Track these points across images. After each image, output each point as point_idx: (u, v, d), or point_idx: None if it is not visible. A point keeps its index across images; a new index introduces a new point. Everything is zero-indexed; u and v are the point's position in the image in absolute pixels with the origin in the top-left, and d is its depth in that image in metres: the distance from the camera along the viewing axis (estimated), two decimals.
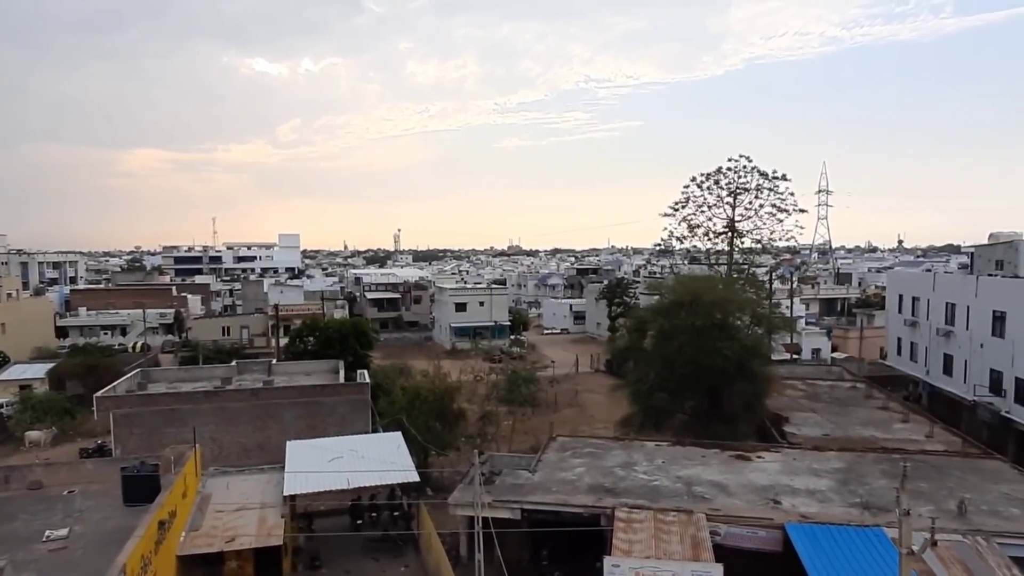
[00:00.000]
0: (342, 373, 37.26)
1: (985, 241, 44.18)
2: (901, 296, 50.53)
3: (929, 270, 62.29)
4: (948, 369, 42.27)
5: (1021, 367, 34.72)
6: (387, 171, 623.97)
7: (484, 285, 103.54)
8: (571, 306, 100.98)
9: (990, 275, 40.00)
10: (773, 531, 20.37)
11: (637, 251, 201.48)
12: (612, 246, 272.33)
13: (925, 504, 21.46)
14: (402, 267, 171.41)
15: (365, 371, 37.81)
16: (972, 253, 47.09)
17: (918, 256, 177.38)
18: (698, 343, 30.61)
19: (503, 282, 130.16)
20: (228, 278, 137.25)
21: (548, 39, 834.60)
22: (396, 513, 26.28)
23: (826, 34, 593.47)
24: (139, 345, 74.82)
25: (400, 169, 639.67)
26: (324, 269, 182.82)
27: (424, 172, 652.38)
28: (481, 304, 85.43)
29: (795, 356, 57.02)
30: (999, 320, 36.84)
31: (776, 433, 32.18)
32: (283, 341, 55.01)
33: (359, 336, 48.06)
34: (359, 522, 25.67)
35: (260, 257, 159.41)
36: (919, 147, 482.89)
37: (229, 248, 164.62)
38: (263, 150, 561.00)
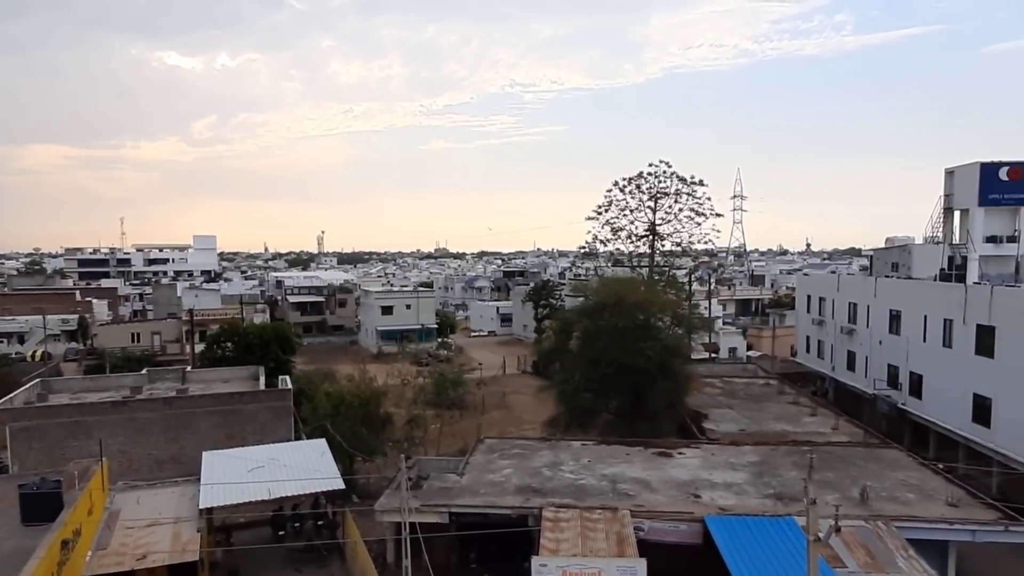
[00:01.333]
0: (262, 379, 36.03)
1: (882, 245, 47.26)
2: (809, 297, 53.40)
3: (834, 272, 66.22)
4: (851, 365, 44.95)
5: (915, 362, 37.32)
6: (310, 171, 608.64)
7: (411, 288, 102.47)
8: (498, 308, 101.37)
9: (887, 276, 42.85)
10: (694, 524, 21.10)
11: (563, 254, 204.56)
12: (538, 249, 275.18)
13: (831, 492, 22.72)
14: (326, 270, 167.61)
15: (287, 377, 36.68)
16: (871, 256, 50.33)
17: (824, 259, 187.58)
18: (621, 343, 31.35)
19: (430, 285, 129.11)
20: (138, 281, 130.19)
21: (474, 42, 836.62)
22: (320, 522, 25.62)
23: (739, 47, 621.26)
24: (39, 354, 69.91)
25: (323, 169, 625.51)
26: (243, 272, 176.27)
27: (349, 173, 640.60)
28: (408, 307, 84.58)
29: (713, 355, 59.23)
30: (895, 318, 39.49)
31: (696, 430, 33.34)
32: (199, 347, 52.70)
33: (281, 341, 46.60)
34: (281, 533, 24.86)
35: (173, 259, 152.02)
36: (824, 155, 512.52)
37: (139, 250, 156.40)
38: (176, 147, 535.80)
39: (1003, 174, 36.68)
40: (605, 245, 50.87)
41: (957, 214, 39.53)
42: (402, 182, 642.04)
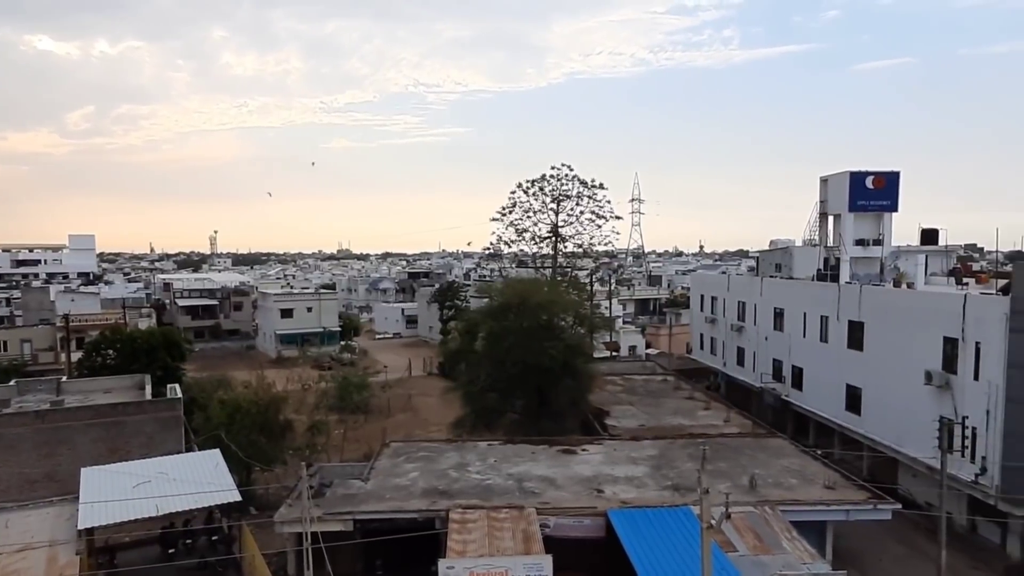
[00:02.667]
0: (149, 388, 33.88)
1: (767, 247, 50.35)
2: (702, 296, 56.13)
3: (724, 273, 69.98)
4: (741, 360, 47.64)
5: (796, 356, 40.05)
6: (201, 167, 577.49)
7: (312, 290, 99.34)
8: (403, 310, 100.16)
9: (771, 277, 45.70)
10: (597, 518, 21.71)
11: (468, 255, 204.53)
12: (443, 250, 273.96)
13: (724, 481, 24.00)
14: (220, 271, 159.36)
15: (177, 385, 34.67)
16: (757, 257, 53.46)
17: (716, 260, 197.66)
18: (526, 343, 31.77)
19: (333, 287, 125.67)
20: (4, 285, 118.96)
21: (376, 40, 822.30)
22: (215, 537, 24.40)
23: (636, 56, 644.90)
24: None
25: (216, 166, 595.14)
26: (126, 274, 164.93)
27: (244, 170, 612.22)
28: (309, 310, 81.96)
29: (614, 353, 61.11)
30: (779, 316, 42.23)
31: (599, 426, 34.29)
32: (77, 355, 48.78)
33: (170, 347, 43.92)
34: (171, 551, 23.52)
35: (45, 261, 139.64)
36: (715, 161, 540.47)
37: (5, 251, 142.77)
38: (48, 139, 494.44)
39: (869, 183, 40.02)
40: (509, 246, 51.45)
41: (831, 219, 42.68)
42: (303, 180, 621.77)
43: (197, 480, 22.49)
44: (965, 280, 35.49)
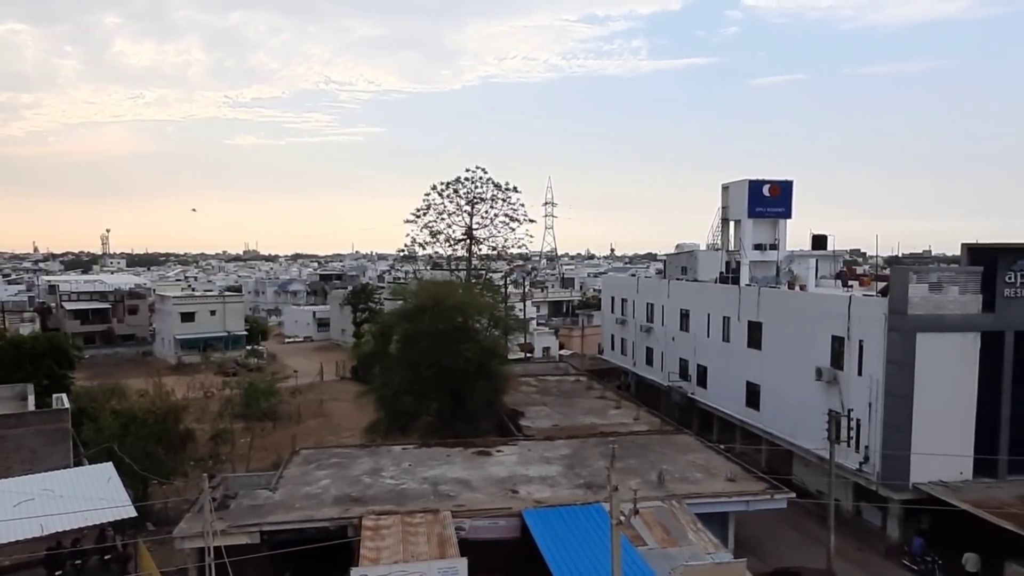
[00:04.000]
0: (32, 399, 31.41)
1: (673, 250, 52.41)
2: (613, 298, 57.70)
3: (633, 275, 72.23)
4: (650, 360, 49.31)
5: (700, 356, 41.87)
6: (92, 162, 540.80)
7: (216, 292, 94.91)
8: (315, 313, 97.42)
9: (677, 279, 47.58)
10: (512, 519, 21.91)
11: (382, 256, 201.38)
12: (356, 251, 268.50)
13: (633, 478, 24.79)
14: (112, 273, 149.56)
15: (64, 395, 32.31)
16: (665, 261, 55.50)
17: (626, 263, 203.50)
18: (441, 346, 31.65)
19: (239, 289, 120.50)
20: None
21: (284, 34, 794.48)
22: (107, 556, 22.90)
23: (550, 62, 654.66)
24: None
25: (109, 161, 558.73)
26: (5, 276, 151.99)
27: (141, 166, 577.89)
28: (212, 313, 78.31)
29: (528, 355, 61.80)
30: (685, 317, 44.02)
31: (513, 427, 34.58)
32: None
33: (56, 354, 40.88)
34: (58, 573, 21.88)
35: None
36: (625, 167, 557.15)
37: None
38: None
39: (766, 191, 42.49)
40: (424, 248, 51.15)
41: (732, 224, 44.96)
42: (206, 177, 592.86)
43: (87, 496, 21.04)
44: (850, 283, 38.21)
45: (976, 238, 28.88)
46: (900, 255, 78.93)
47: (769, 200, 42.58)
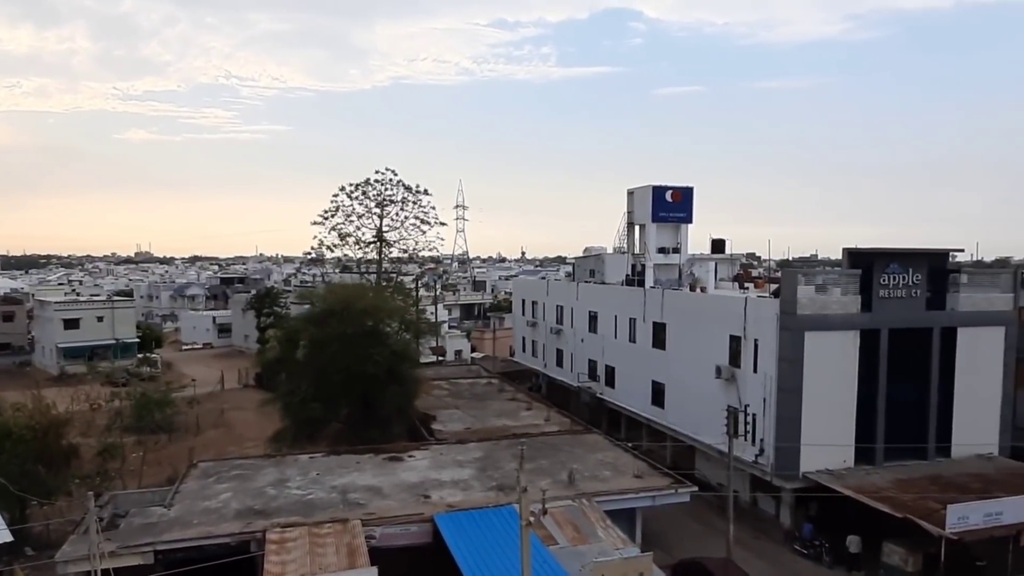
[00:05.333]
0: None
1: (582, 253, 53.60)
2: (524, 301, 58.33)
3: (544, 278, 73.20)
4: (560, 361, 50.16)
5: (608, 356, 43.01)
6: None
7: (103, 297, 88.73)
8: (215, 318, 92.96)
9: (586, 282, 48.69)
10: (424, 524, 21.69)
11: (288, 259, 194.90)
12: (261, 254, 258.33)
13: (544, 478, 25.16)
14: None
15: None
16: (574, 263, 56.63)
17: (537, 266, 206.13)
18: (350, 350, 30.95)
19: (130, 293, 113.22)
20: None
21: (180, 25, 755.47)
22: None
23: (461, 65, 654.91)
24: None
25: None
26: None
27: (17, 160, 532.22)
28: (100, 320, 73.14)
29: (440, 358, 61.46)
30: (593, 319, 45.09)
31: (425, 431, 34.28)
32: None
33: None
34: None
35: None
36: (536, 171, 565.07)
37: None
38: None
39: (668, 196, 44.20)
40: (332, 251, 49.87)
41: (637, 228, 46.45)
42: (92, 174, 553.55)
43: None
44: (746, 285, 40.36)
45: (856, 243, 31.19)
46: (791, 259, 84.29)
47: (672, 205, 44.29)
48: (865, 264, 28.69)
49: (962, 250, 31.63)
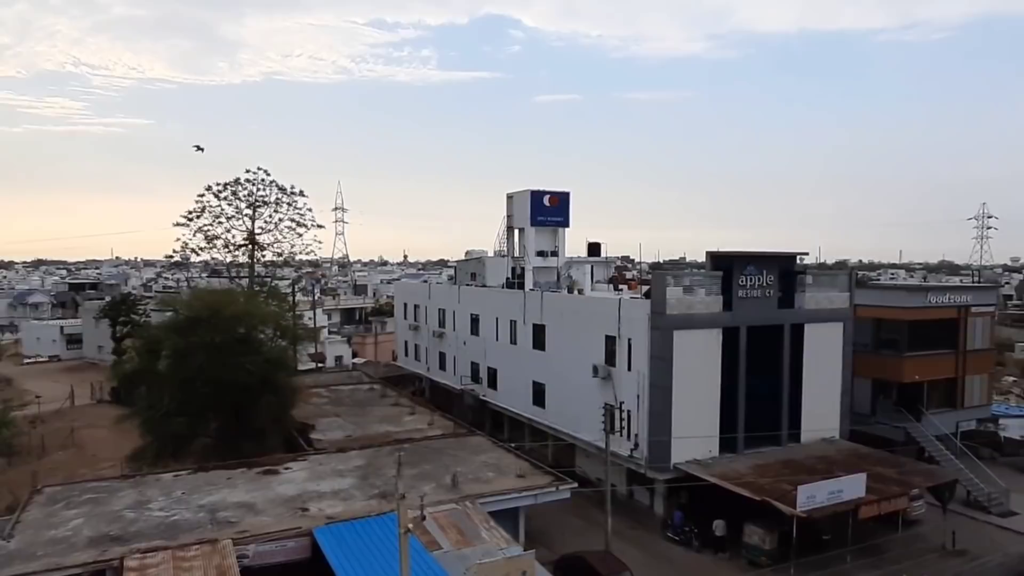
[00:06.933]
0: None
1: (463, 257, 53.81)
2: (406, 304, 57.72)
3: (426, 282, 72.67)
4: (443, 364, 50.05)
5: (491, 359, 43.46)
6: None
7: None
8: (63, 328, 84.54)
9: (467, 285, 48.94)
10: (302, 539, 20.86)
11: (149, 263, 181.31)
12: (117, 258, 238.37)
13: (428, 483, 25.01)
14: None
15: None
16: (455, 267, 56.75)
17: (419, 269, 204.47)
18: (219, 360, 29.24)
19: None
20: None
21: (19, 5, 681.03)
22: None
23: (338, 63, 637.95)
24: None
25: None
26: None
27: None
28: None
29: (320, 364, 59.43)
30: (475, 322, 45.39)
31: (304, 441, 33.01)
32: None
33: None
34: None
35: None
36: (417, 174, 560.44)
37: None
38: None
39: (546, 201, 45.36)
40: (198, 254, 46.85)
41: (517, 232, 47.27)
42: None
43: None
44: (620, 287, 42.17)
45: (718, 246, 33.50)
46: (661, 261, 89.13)
47: (550, 209, 45.46)
48: (726, 267, 30.84)
49: (807, 253, 34.77)
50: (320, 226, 49.82)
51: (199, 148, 50.65)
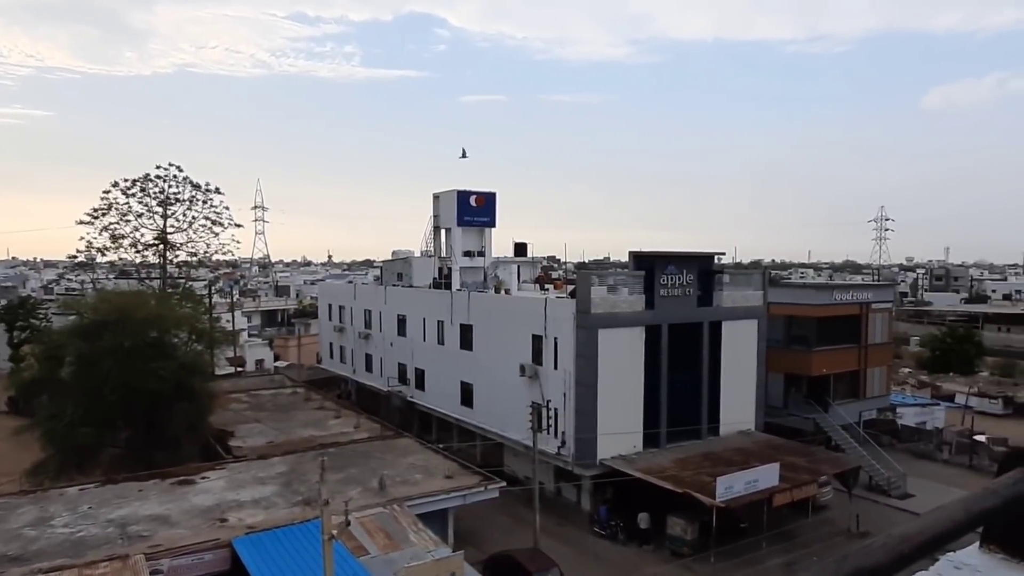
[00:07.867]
0: None
1: (389, 257, 53.11)
2: (331, 305, 56.46)
3: (351, 282, 71.22)
4: (369, 366, 49.23)
5: (418, 359, 43.08)
6: None
7: None
8: None
9: (394, 285, 48.33)
10: (221, 551, 20.04)
11: (49, 264, 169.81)
12: (14, 258, 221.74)
13: (354, 487, 24.55)
14: None
15: None
16: (381, 267, 55.95)
17: (344, 270, 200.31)
18: (129, 365, 27.72)
19: None
20: None
21: None
22: None
23: (256, 57, 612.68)
24: None
25: None
26: None
27: None
28: None
29: (240, 368, 57.34)
30: (402, 322, 44.89)
31: (222, 449, 31.74)
32: None
33: None
34: None
35: None
36: (342, 173, 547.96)
37: None
38: None
39: (472, 201, 45.36)
40: (104, 254, 44.24)
41: (444, 232, 47.08)
42: None
43: None
44: (546, 286, 42.67)
45: (640, 246, 34.44)
46: (586, 261, 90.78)
47: (476, 210, 45.47)
48: (648, 266, 31.72)
49: (724, 253, 36.30)
50: (238, 225, 48.15)
51: (464, 155, 48.58)
